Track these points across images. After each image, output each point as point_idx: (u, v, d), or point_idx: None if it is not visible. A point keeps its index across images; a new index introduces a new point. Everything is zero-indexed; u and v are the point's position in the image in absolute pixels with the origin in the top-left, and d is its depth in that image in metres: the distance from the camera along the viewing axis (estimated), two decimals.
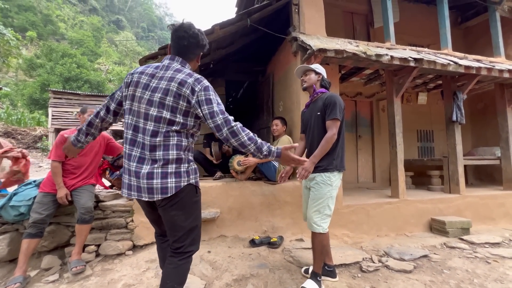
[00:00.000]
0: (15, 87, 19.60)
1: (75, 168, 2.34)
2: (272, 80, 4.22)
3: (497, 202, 3.63)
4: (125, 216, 2.55)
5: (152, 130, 1.24)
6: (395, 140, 3.41)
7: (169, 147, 1.24)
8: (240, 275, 2.07)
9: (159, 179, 1.21)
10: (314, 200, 1.93)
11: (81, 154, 2.35)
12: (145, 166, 1.23)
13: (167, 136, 1.24)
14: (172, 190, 1.23)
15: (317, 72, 2.08)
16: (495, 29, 4.24)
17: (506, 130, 3.94)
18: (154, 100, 1.25)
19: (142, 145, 1.25)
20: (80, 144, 1.48)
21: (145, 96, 1.26)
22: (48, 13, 28.89)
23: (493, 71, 3.45)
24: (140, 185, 1.23)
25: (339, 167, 1.95)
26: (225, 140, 1.24)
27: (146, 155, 1.24)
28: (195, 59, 1.43)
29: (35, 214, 2.11)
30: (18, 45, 13.45)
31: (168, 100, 1.24)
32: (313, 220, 1.90)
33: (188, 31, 1.33)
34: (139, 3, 52.48)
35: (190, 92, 1.24)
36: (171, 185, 1.23)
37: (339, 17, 4.65)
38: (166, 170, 1.23)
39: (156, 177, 1.21)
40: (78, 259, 2.14)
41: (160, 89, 1.25)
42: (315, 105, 2.04)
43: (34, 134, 13.15)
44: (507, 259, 2.45)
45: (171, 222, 1.30)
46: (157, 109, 1.24)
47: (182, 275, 1.31)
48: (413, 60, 3.10)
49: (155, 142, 1.23)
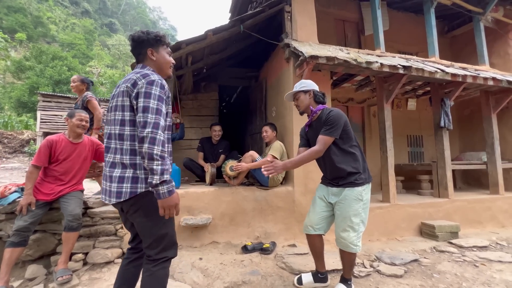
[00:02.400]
0: (2, 89, 19.08)
1: (61, 174, 2.27)
2: (265, 86, 4.25)
3: (484, 206, 3.72)
4: (115, 223, 2.50)
5: (109, 134, 1.30)
6: (385, 145, 3.47)
7: (122, 152, 1.25)
8: (232, 283, 2.04)
9: (115, 183, 1.24)
10: (345, 218, 1.81)
11: (68, 160, 2.30)
12: (109, 169, 1.29)
13: (121, 139, 1.26)
14: (126, 195, 1.22)
15: (306, 90, 1.99)
16: (480, 38, 4.40)
17: (491, 136, 4.06)
18: (114, 105, 1.30)
19: (108, 149, 1.31)
20: None
21: (112, 103, 1.32)
22: (38, 15, 28.44)
23: (478, 78, 3.58)
24: (106, 188, 1.29)
25: (368, 179, 1.90)
26: (140, 140, 1.15)
27: (110, 159, 1.29)
28: (147, 55, 1.36)
29: (19, 221, 2.03)
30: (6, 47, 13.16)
31: (120, 100, 1.27)
32: (349, 240, 1.78)
33: (132, 38, 1.37)
34: (133, 6, 52.31)
35: (132, 85, 1.23)
36: (125, 190, 1.23)
37: (331, 25, 4.75)
38: (123, 175, 1.24)
39: (113, 181, 1.25)
40: (64, 268, 2.07)
41: (119, 93, 1.29)
42: (319, 123, 1.91)
43: (22, 138, 12.78)
44: (494, 262, 2.51)
45: (138, 228, 1.31)
46: (114, 112, 1.29)
47: (158, 283, 1.26)
48: (402, 67, 3.18)
49: (112, 144, 1.29)
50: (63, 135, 2.34)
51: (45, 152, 2.18)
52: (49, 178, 2.25)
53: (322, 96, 2.00)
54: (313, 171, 3.03)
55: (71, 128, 2.32)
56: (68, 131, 2.36)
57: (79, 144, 2.36)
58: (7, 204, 2.31)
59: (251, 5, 4.86)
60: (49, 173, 2.25)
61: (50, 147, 2.21)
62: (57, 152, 2.24)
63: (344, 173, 1.84)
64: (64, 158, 2.26)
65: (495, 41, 4.88)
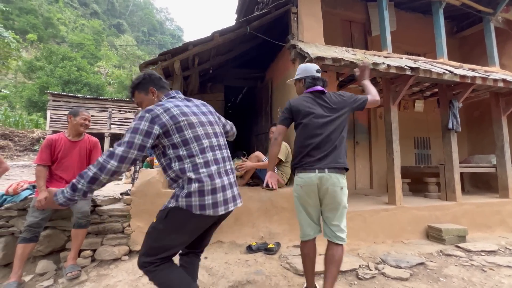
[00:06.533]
0: (14, 89, 19.57)
1: (64, 173, 2.31)
2: (270, 86, 4.26)
3: (493, 209, 3.65)
4: (122, 221, 2.55)
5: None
6: (392, 147, 3.44)
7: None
8: (237, 282, 2.06)
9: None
10: (340, 205, 1.69)
11: (67, 158, 2.32)
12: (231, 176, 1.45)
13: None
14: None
15: (299, 79, 1.96)
16: (490, 39, 4.33)
17: (501, 139, 3.99)
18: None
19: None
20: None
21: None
22: (49, 16, 29.04)
23: (487, 80, 3.52)
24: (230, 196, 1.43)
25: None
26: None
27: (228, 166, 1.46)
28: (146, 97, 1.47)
29: (30, 217, 2.09)
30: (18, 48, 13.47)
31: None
32: (344, 231, 1.71)
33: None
34: (140, 7, 52.95)
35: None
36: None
37: (338, 25, 4.73)
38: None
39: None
40: (73, 264, 2.13)
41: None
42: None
43: (32, 137, 13.07)
44: (503, 267, 2.46)
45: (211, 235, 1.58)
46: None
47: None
48: (409, 68, 3.15)
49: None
50: (63, 134, 2.38)
51: (46, 151, 2.24)
52: (55, 177, 2.31)
53: (311, 80, 1.89)
54: None
55: (74, 126, 2.35)
56: (69, 130, 2.39)
57: (78, 142, 2.40)
58: (20, 201, 2.38)
59: (257, 6, 4.88)
60: (53, 172, 2.30)
61: (50, 146, 2.27)
62: (57, 150, 2.29)
63: (343, 157, 1.73)
64: (63, 157, 2.31)
65: (505, 42, 4.79)
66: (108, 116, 12.97)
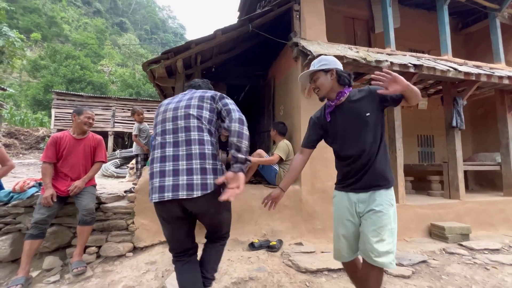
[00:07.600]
0: (19, 88, 19.77)
1: (69, 171, 2.36)
2: (273, 85, 4.25)
3: (497, 208, 3.62)
4: (126, 218, 2.58)
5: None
6: (395, 145, 3.43)
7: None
8: (239, 278, 2.08)
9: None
10: (382, 227, 1.33)
11: (72, 156, 2.36)
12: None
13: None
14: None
15: (327, 70, 1.48)
16: (495, 35, 4.27)
17: (506, 136, 3.95)
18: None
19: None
20: None
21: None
22: (52, 15, 29.22)
23: (492, 77, 3.47)
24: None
25: (393, 180, 1.47)
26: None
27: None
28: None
29: (36, 214, 2.13)
30: (22, 47, 13.58)
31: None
32: (392, 257, 1.32)
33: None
34: (143, 5, 52.97)
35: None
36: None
37: (340, 22, 4.70)
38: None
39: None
40: (79, 260, 2.17)
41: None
42: (351, 108, 1.45)
43: (37, 135, 13.23)
44: (506, 266, 2.45)
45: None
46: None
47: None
48: (413, 66, 3.13)
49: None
50: (68, 132, 2.43)
51: (51, 148, 2.29)
52: (60, 175, 2.35)
53: (348, 77, 1.49)
54: (320, 171, 3.03)
55: (78, 124, 2.40)
56: (74, 128, 2.44)
57: (83, 140, 2.44)
58: (26, 198, 2.42)
59: (259, 4, 4.85)
60: (59, 170, 2.35)
61: (55, 143, 2.31)
62: (62, 148, 2.33)
63: (383, 176, 1.41)
64: (68, 154, 2.35)
65: (511, 38, 4.71)
66: (111, 114, 13.07)
